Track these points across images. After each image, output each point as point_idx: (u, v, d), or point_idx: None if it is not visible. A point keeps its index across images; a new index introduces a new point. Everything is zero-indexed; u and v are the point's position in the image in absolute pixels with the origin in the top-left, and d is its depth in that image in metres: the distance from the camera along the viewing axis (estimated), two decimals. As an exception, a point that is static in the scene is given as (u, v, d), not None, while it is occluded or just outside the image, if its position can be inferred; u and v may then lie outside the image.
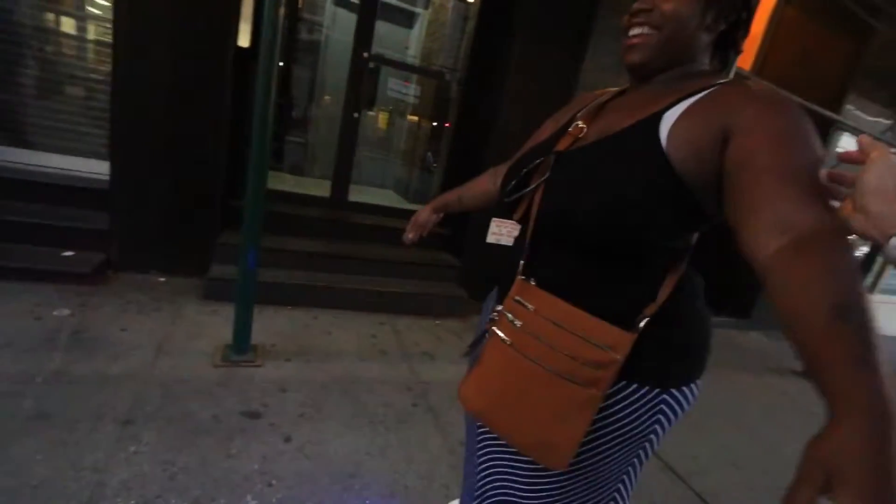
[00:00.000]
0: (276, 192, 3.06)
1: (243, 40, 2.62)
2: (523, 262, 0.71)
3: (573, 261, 0.67)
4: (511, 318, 0.69)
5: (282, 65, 3.82)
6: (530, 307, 0.67)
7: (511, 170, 0.79)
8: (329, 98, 4.75)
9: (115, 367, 1.75)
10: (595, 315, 0.63)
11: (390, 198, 4.36)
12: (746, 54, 3.80)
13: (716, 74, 0.66)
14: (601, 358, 0.62)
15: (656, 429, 0.69)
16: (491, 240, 0.79)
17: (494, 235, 0.78)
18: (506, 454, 0.74)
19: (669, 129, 0.59)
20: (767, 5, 3.72)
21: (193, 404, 1.64)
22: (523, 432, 0.67)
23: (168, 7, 2.29)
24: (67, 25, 2.63)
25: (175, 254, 2.62)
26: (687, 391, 0.69)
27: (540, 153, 0.73)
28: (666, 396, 0.67)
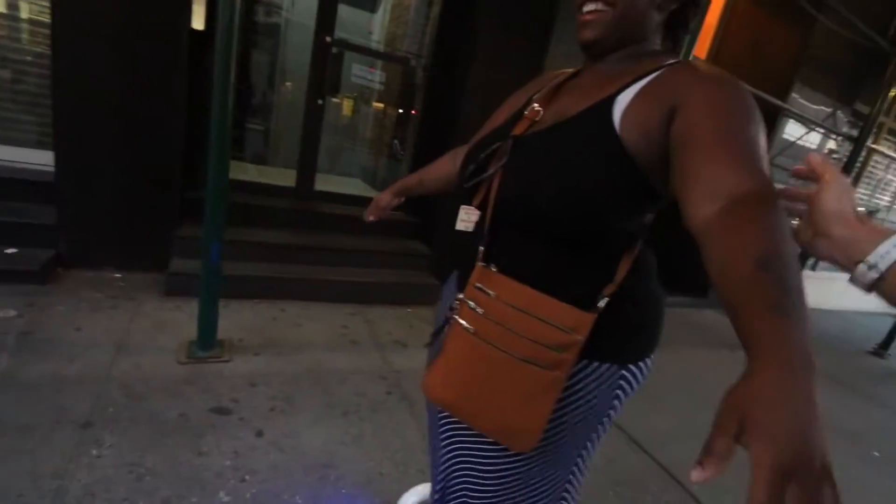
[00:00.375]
0: (238, 183, 2.95)
1: (197, 23, 2.49)
2: (483, 248, 0.71)
3: (533, 245, 0.68)
4: (472, 305, 0.68)
5: (239, 48, 3.66)
6: (492, 293, 0.67)
7: (469, 154, 0.79)
8: (291, 84, 4.59)
9: (70, 369, 1.67)
10: (556, 298, 0.64)
11: (357, 186, 4.29)
12: (701, 44, 3.94)
13: (667, 54, 0.67)
14: (564, 340, 0.63)
15: (615, 403, 0.72)
16: (460, 227, 0.79)
17: (463, 223, 0.78)
18: (469, 438, 0.75)
19: (622, 112, 0.60)
20: (721, -4, 3.87)
21: (158, 403, 1.59)
22: (489, 418, 0.68)
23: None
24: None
25: (131, 249, 2.50)
26: (643, 365, 0.72)
27: (497, 137, 0.73)
28: (624, 372, 0.70)
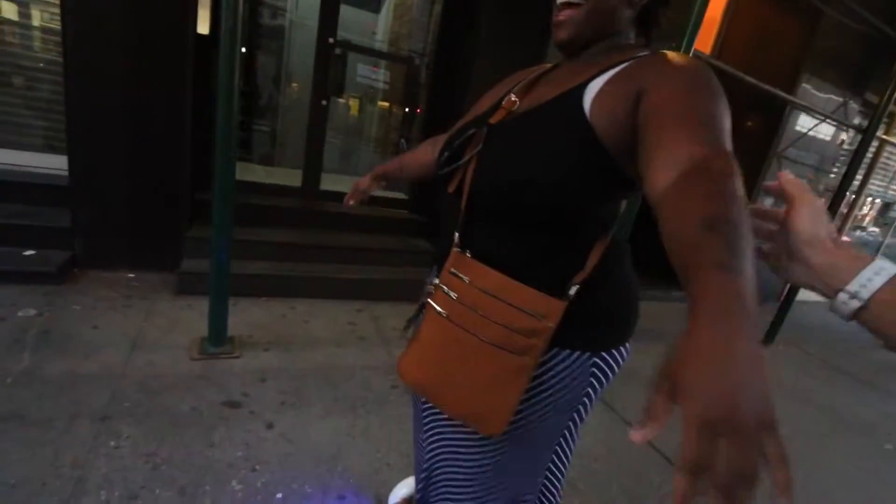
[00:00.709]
0: (246, 183, 3.01)
1: (202, 27, 2.54)
2: (458, 234, 0.72)
3: (506, 232, 0.69)
4: (447, 290, 0.70)
5: (244, 51, 3.71)
6: (465, 279, 0.69)
7: (446, 143, 0.81)
8: (296, 86, 4.65)
9: (88, 365, 1.73)
10: (528, 284, 0.65)
11: (363, 186, 4.33)
12: (705, 38, 3.92)
13: (639, 48, 0.69)
14: (534, 326, 0.64)
15: (589, 392, 0.72)
16: None
17: None
18: (449, 427, 0.76)
19: (592, 98, 0.61)
20: (725, -11, 3.84)
21: (172, 397, 1.65)
22: (460, 402, 0.69)
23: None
24: (9, 11, 2.49)
25: (143, 249, 2.56)
26: (616, 354, 0.72)
27: (473, 126, 0.75)
28: (597, 360, 0.70)
